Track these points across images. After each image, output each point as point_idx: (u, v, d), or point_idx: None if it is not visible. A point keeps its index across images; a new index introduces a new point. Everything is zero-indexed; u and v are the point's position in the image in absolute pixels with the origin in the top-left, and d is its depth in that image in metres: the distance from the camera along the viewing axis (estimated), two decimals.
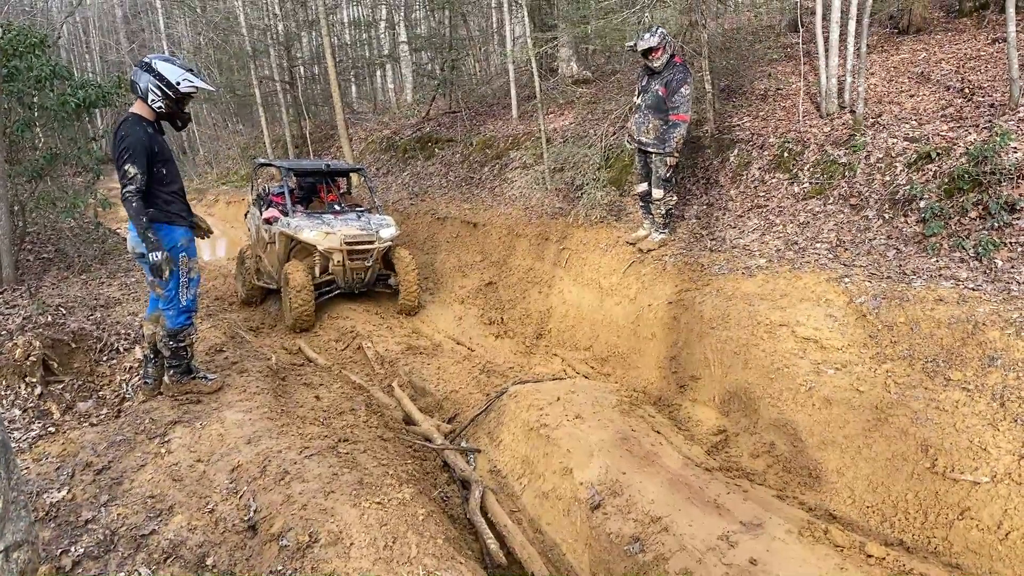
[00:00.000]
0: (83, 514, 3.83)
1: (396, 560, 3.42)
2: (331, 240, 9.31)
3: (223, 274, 13.09)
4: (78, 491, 4.00)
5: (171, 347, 4.93)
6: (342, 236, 9.34)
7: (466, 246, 11.09)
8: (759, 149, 8.81)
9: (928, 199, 6.60)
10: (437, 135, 15.39)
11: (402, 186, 14.77)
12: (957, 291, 5.31)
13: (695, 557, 3.68)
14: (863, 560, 3.54)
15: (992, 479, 3.99)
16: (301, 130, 20.24)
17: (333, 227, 9.42)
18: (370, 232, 9.58)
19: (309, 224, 9.43)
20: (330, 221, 9.62)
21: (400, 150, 16.12)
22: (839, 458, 4.80)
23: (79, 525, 3.77)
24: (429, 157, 14.94)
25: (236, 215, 19.35)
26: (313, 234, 9.30)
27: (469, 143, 14.01)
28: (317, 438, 4.51)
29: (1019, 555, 3.71)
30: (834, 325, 5.64)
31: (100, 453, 4.29)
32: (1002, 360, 4.56)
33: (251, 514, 3.78)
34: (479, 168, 13.15)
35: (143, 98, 4.65)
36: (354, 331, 9.11)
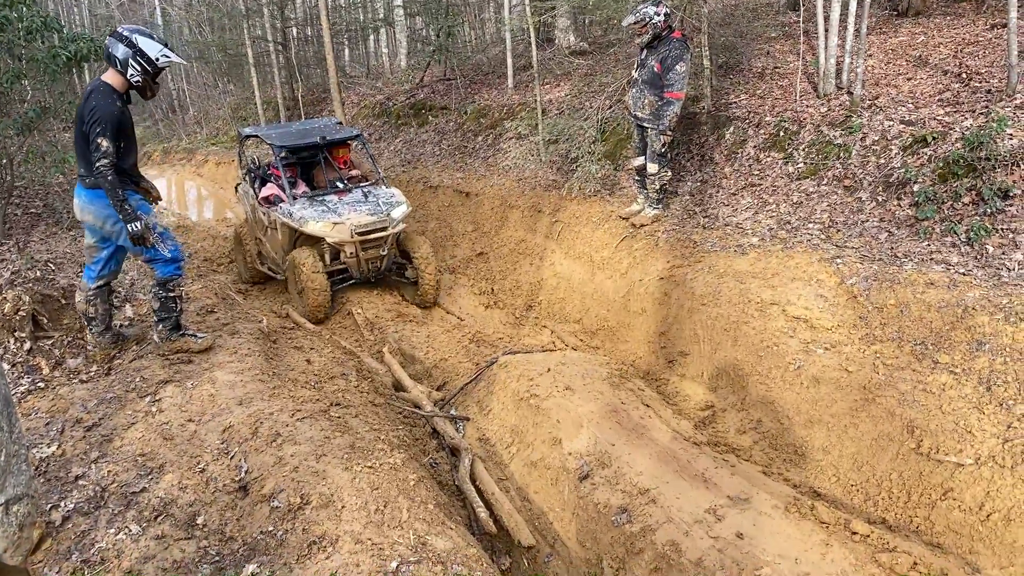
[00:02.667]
0: (73, 470, 3.84)
1: (387, 524, 3.44)
2: (340, 231, 8.45)
3: (212, 235, 13.00)
4: (68, 447, 4.00)
5: (161, 297, 4.99)
6: (352, 226, 8.43)
7: (458, 216, 11.05)
8: (755, 127, 8.79)
9: (922, 183, 6.62)
10: (431, 102, 15.27)
11: (394, 153, 14.67)
12: (948, 275, 5.34)
13: (682, 529, 3.73)
14: (848, 537, 3.59)
15: (976, 461, 4.05)
16: (293, 92, 20.00)
17: (341, 215, 8.53)
18: (381, 217, 8.65)
19: (314, 214, 8.54)
20: (336, 207, 8.73)
21: (393, 116, 15.99)
22: (825, 437, 4.85)
23: (69, 481, 3.78)
24: (422, 124, 14.83)
25: (225, 176, 19.19)
26: (320, 226, 8.43)
27: (463, 111, 13.91)
28: (309, 401, 4.52)
29: (999, 536, 3.77)
30: (824, 305, 5.67)
31: (90, 410, 4.29)
32: (990, 345, 4.61)
33: (242, 475, 3.79)
34: (473, 137, 13.07)
35: (119, 69, 4.68)
36: (344, 296, 9.08)
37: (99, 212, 4.76)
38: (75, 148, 4.80)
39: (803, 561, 3.37)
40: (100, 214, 4.76)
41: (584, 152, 9.37)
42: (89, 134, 4.53)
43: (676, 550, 3.64)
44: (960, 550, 3.86)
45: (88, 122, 4.52)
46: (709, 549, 3.55)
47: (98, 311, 5.02)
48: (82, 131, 4.58)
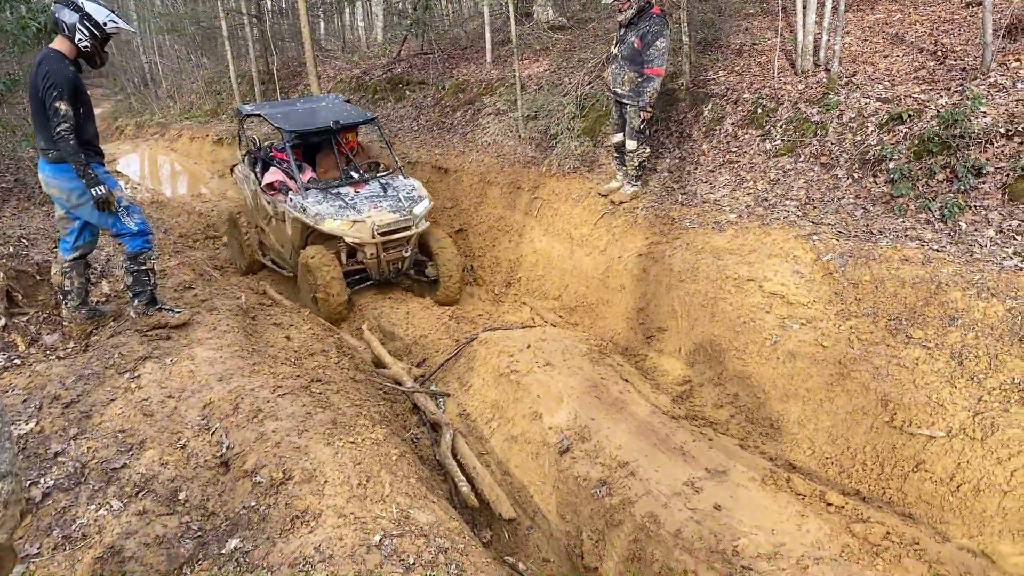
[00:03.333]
0: (52, 446, 3.82)
1: (370, 498, 3.46)
2: (361, 231, 7.76)
3: (187, 211, 12.87)
4: (46, 424, 3.97)
5: (133, 271, 4.97)
6: (374, 225, 7.74)
7: (436, 192, 11.00)
8: (733, 104, 8.81)
9: (897, 160, 6.68)
10: (408, 77, 15.14)
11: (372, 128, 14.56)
12: (922, 252, 5.42)
13: (661, 502, 3.78)
14: (823, 508, 3.66)
15: (947, 434, 4.13)
16: (268, 66, 19.76)
17: (361, 212, 7.82)
18: (405, 215, 7.98)
19: (330, 210, 7.81)
20: (354, 202, 7.98)
21: (370, 91, 15.85)
22: (800, 410, 4.93)
23: (48, 457, 3.76)
24: (400, 99, 14.73)
25: (200, 151, 19.00)
26: (338, 223, 7.72)
27: (441, 86, 13.82)
28: (290, 377, 4.52)
29: (969, 506, 3.87)
30: (801, 281, 5.74)
31: (68, 387, 4.26)
32: (962, 320, 4.69)
33: (224, 450, 3.79)
34: (451, 113, 13.00)
35: (67, 35, 4.62)
36: None
37: (64, 185, 4.70)
38: (33, 121, 4.73)
39: (779, 532, 3.44)
40: (65, 187, 4.71)
41: (563, 128, 9.37)
42: (45, 100, 4.46)
43: (655, 522, 3.69)
44: (931, 520, 3.95)
45: (43, 88, 4.45)
46: (687, 521, 3.61)
47: (74, 284, 4.97)
48: (39, 100, 4.51)
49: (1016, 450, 3.83)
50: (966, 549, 3.60)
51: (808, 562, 3.21)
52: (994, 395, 4.20)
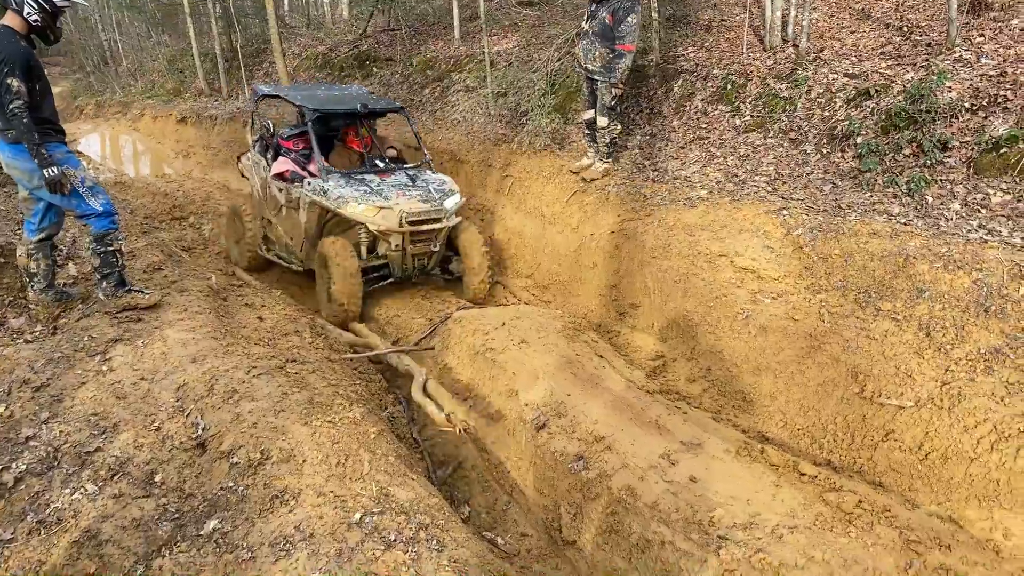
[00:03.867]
0: (23, 431, 3.77)
1: (349, 476, 3.47)
2: (387, 218, 6.97)
3: (152, 192, 12.66)
4: (16, 408, 3.91)
5: (100, 253, 4.90)
6: (402, 213, 6.97)
7: None
8: (703, 80, 8.85)
9: (865, 135, 6.76)
10: (375, 54, 14.99)
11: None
12: (890, 225, 5.49)
13: (637, 474, 3.82)
14: (797, 478, 3.73)
15: (916, 404, 4.22)
16: (231, 43, 19.45)
17: (388, 198, 7.05)
18: (436, 206, 7.25)
19: (354, 194, 7.02)
20: (380, 188, 7.21)
21: (336, 68, 15.67)
22: (772, 383, 4.99)
23: (19, 442, 3.71)
24: (367, 76, 14.57)
25: (163, 130, 18.71)
26: (362, 208, 6.93)
27: (409, 63, 13.71)
28: (264, 358, 4.49)
29: (936, 474, 3.95)
30: (771, 256, 5.79)
31: (38, 370, 4.20)
32: (930, 292, 4.77)
33: (199, 432, 3.77)
34: (419, 90, 12.90)
35: (17, 10, 4.49)
36: None
37: (23, 166, 4.60)
38: None
39: (754, 502, 3.49)
40: (25, 168, 4.60)
41: (534, 105, 9.34)
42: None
43: (632, 495, 3.73)
44: (900, 488, 4.04)
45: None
46: (664, 493, 3.66)
47: (40, 267, 4.89)
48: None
49: (982, 419, 3.92)
50: (935, 515, 3.69)
51: (783, 531, 3.27)
52: (961, 365, 4.29)
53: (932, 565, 3.07)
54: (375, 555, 3.02)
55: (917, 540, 3.18)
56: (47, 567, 3.12)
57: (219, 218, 10.57)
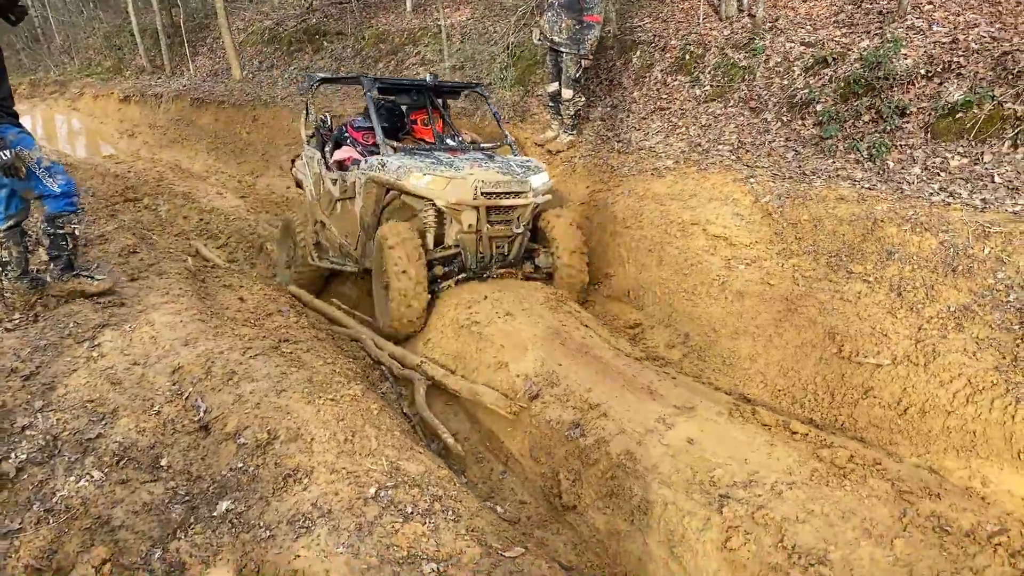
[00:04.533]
0: (18, 421, 3.70)
1: (358, 453, 3.50)
2: (458, 189, 5.71)
3: (100, 173, 12.33)
4: (7, 398, 3.84)
5: (50, 233, 4.72)
6: (476, 183, 5.74)
7: None
8: (661, 51, 8.95)
9: (824, 103, 6.94)
10: (325, 27, 14.78)
11: (290, 81, 14.19)
12: (856, 190, 5.67)
13: (635, 439, 3.93)
14: (789, 437, 3.88)
15: (893, 362, 4.41)
16: (172, 18, 18.95)
17: (459, 169, 5.87)
18: (518, 178, 6.00)
19: (418, 164, 5.84)
20: (452, 161, 6.06)
21: (284, 43, 15.41)
22: (751, 347, 5.15)
23: (15, 432, 3.65)
24: (318, 51, 14.37)
25: (105, 110, 18.19)
26: (427, 180, 5.72)
27: (361, 37, 13.55)
28: (257, 339, 4.48)
29: (915, 427, 4.15)
30: (742, 223, 5.94)
31: (24, 359, 4.12)
32: (899, 254, 4.96)
33: (201, 415, 3.76)
34: (373, 64, 12.78)
35: None
36: (255, 232, 8.87)
37: None
38: None
39: (751, 461, 3.63)
40: None
41: (495, 78, 9.34)
42: None
43: (631, 459, 3.84)
44: (881, 442, 4.23)
45: None
46: (663, 456, 3.77)
47: (12, 254, 4.77)
48: None
49: (957, 373, 4.12)
50: (921, 467, 3.88)
51: (782, 487, 3.41)
52: (933, 323, 4.49)
53: (924, 513, 3.24)
54: (394, 528, 3.08)
55: (908, 490, 3.35)
56: (60, 555, 3.11)
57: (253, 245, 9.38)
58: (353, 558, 2.88)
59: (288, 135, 12.43)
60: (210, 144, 14.13)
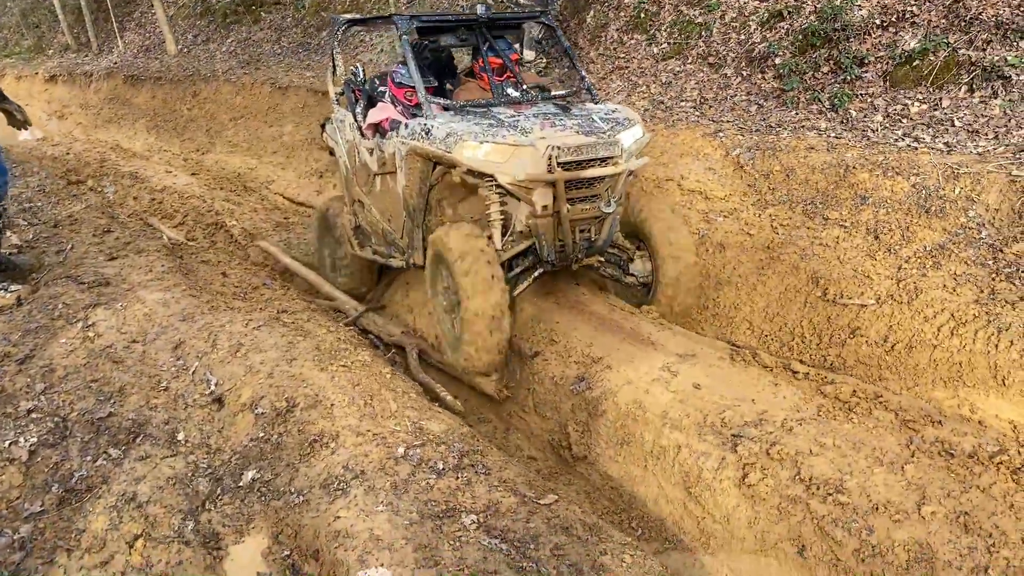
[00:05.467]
0: (21, 404, 3.62)
1: (380, 415, 3.52)
2: (527, 160, 4.26)
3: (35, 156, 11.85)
4: (5, 382, 3.75)
5: None
6: (551, 150, 4.24)
7: (316, 117, 10.61)
8: (615, 10, 8.98)
9: (783, 56, 7.08)
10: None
11: (228, 54, 13.83)
12: (824, 140, 5.82)
13: (643, 388, 4.03)
14: (791, 377, 4.02)
15: (877, 301, 4.58)
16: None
17: (528, 132, 4.36)
18: (603, 138, 4.45)
19: (472, 128, 4.42)
20: (516, 120, 4.55)
21: (219, 15, 14.99)
22: (735, 295, 5.28)
23: (20, 416, 3.57)
24: (256, 22, 14.02)
25: (30, 91, 17.47)
26: (485, 149, 4.31)
27: (300, 5, 13.25)
28: (255, 311, 4.44)
29: (903, 362, 4.33)
30: (714, 177, 6.06)
31: (16, 343, 4.02)
32: (872, 199, 5.14)
33: (212, 388, 3.72)
34: (316, 33, 12.55)
35: None
36: (212, 209, 8.68)
37: None
38: None
39: (759, 401, 3.76)
40: None
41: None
42: None
43: (640, 407, 3.94)
44: (870, 379, 4.40)
45: None
46: (671, 402, 3.88)
47: None
48: None
49: (940, 308, 4.30)
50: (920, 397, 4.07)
51: (792, 424, 3.55)
52: (912, 263, 4.67)
53: (929, 439, 3.41)
54: (429, 484, 3.12)
55: (911, 419, 3.52)
56: (89, 534, 3.07)
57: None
58: (394, 515, 2.91)
59: (232, 110, 12.16)
60: (149, 123, 13.72)
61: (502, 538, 2.88)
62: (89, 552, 3.01)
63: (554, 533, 2.94)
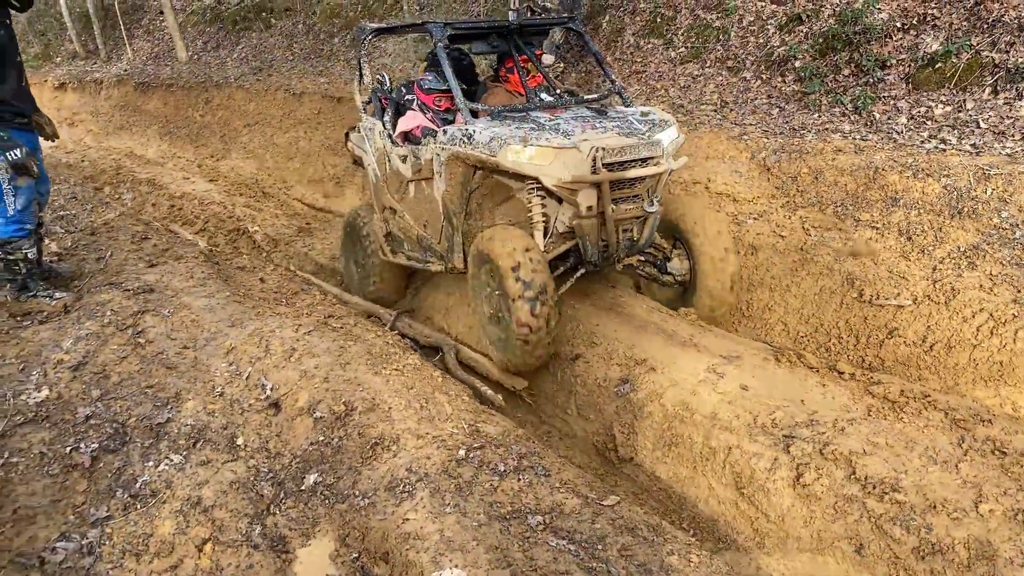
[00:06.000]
0: (79, 411, 3.66)
1: (437, 418, 3.56)
2: (571, 162, 4.35)
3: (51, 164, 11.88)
4: (61, 389, 3.78)
5: (0, 258, 4.50)
6: (595, 152, 4.35)
7: (331, 123, 10.70)
8: (630, 15, 9.04)
9: (803, 59, 7.14)
10: (271, 4, 14.44)
11: (240, 61, 13.87)
12: (851, 142, 5.88)
13: (689, 390, 4.07)
14: (837, 377, 4.06)
15: (914, 302, 4.63)
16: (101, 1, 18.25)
17: (571, 135, 4.46)
18: (643, 139, 4.54)
19: (514, 132, 4.49)
20: (557, 124, 4.68)
21: (228, 22, 15.02)
22: (768, 297, 5.33)
23: (79, 422, 3.60)
24: (267, 28, 14.06)
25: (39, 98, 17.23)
26: (530, 152, 4.36)
27: (312, 12, 13.30)
28: (302, 316, 4.48)
29: (943, 362, 4.38)
30: (742, 179, 6.11)
31: (68, 350, 4.05)
32: (903, 200, 5.19)
33: (268, 392, 3.76)
34: (328, 39, 12.58)
35: None
36: (233, 215, 8.72)
37: None
38: None
39: (808, 402, 3.80)
40: None
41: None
42: None
43: (687, 409, 3.98)
44: (909, 378, 4.45)
45: None
46: (719, 403, 3.92)
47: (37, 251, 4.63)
48: None
49: (978, 308, 4.35)
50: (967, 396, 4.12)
51: (843, 424, 3.59)
52: (946, 264, 4.73)
53: (980, 438, 3.45)
54: (492, 486, 3.16)
55: (962, 418, 3.56)
56: (156, 538, 3.11)
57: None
58: (463, 516, 2.95)
59: (246, 116, 12.20)
60: (161, 129, 13.76)
61: (569, 539, 2.92)
62: (158, 556, 3.05)
63: (620, 534, 2.98)
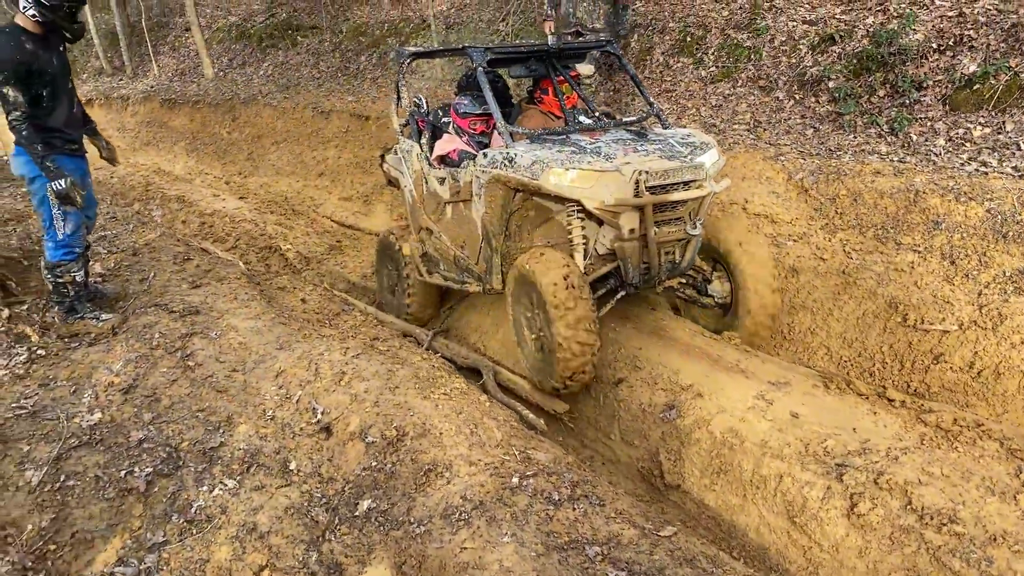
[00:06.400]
0: (132, 435, 3.68)
1: (487, 444, 3.56)
2: (614, 185, 4.33)
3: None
4: (114, 412, 3.82)
5: (50, 280, 4.58)
6: (637, 174, 4.33)
7: (359, 141, 10.77)
8: (660, 34, 9.06)
9: (836, 80, 7.13)
10: (297, 22, 14.60)
11: (266, 78, 13.99)
12: (889, 164, 5.85)
13: (737, 416, 4.05)
14: (887, 405, 4.02)
15: (960, 327, 4.59)
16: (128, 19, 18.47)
17: (613, 158, 4.49)
18: (686, 162, 4.53)
19: (555, 155, 4.50)
20: (597, 147, 4.69)
21: (255, 39, 15.18)
22: (810, 320, 5.30)
23: (132, 446, 3.63)
24: (293, 46, 14.18)
25: None
26: (571, 175, 4.34)
27: (338, 31, 13.42)
28: (348, 338, 4.49)
29: (991, 389, 4.34)
30: (779, 201, 6.09)
31: (118, 372, 4.08)
32: (945, 223, 5.15)
33: (319, 416, 3.77)
34: (355, 57, 12.68)
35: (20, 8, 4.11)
36: (264, 233, 8.77)
37: (18, 169, 4.35)
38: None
39: (860, 429, 3.77)
40: (19, 171, 4.36)
41: None
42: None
43: (736, 436, 3.96)
44: (957, 405, 4.41)
45: None
46: (769, 431, 3.89)
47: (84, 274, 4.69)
48: None
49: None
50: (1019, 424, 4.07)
51: (897, 452, 3.56)
52: (992, 288, 4.69)
53: None
54: (548, 515, 3.15)
55: (1018, 448, 3.53)
56: (212, 564, 3.11)
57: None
58: (520, 547, 2.95)
59: (274, 133, 12.29)
60: (188, 146, 13.87)
61: (628, 570, 2.91)
62: None
63: (679, 565, 2.96)
